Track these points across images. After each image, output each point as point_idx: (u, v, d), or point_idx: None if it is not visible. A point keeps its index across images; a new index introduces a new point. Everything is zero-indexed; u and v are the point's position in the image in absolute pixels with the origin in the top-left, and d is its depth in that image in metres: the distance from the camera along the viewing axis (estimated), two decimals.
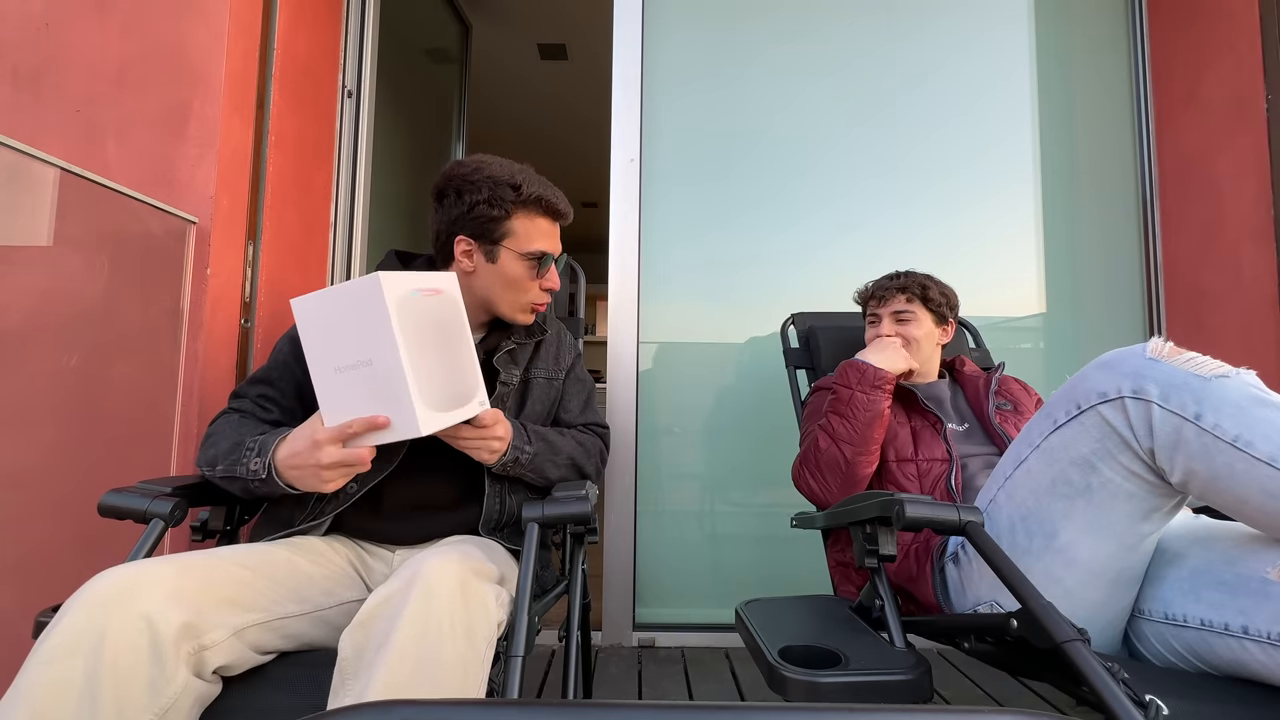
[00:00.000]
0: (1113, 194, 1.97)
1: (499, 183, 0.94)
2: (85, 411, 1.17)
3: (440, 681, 0.60)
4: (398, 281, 0.74)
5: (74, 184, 1.12)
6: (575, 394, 1.11)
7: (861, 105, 1.95)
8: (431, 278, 0.80)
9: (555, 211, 0.98)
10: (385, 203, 2.19)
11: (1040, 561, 0.76)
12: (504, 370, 1.00)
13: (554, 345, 1.09)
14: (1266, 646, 0.62)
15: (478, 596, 0.67)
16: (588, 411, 1.12)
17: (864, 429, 1.08)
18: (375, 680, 0.58)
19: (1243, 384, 0.67)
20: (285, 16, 1.57)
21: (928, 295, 1.24)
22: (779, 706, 0.30)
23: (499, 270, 0.96)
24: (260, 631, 0.70)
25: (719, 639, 1.73)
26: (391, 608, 0.63)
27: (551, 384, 1.07)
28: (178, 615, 0.62)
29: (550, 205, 0.97)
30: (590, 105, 3.98)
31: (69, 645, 0.58)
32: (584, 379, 1.14)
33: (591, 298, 6.08)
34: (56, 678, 0.57)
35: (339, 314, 0.74)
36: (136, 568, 0.65)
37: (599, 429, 1.11)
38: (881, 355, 1.15)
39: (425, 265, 1.06)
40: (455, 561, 0.67)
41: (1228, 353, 1.69)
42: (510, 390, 1.01)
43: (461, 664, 0.62)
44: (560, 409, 1.09)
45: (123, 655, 0.59)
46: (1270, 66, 1.63)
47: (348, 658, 0.62)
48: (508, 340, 1.02)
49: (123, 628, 0.59)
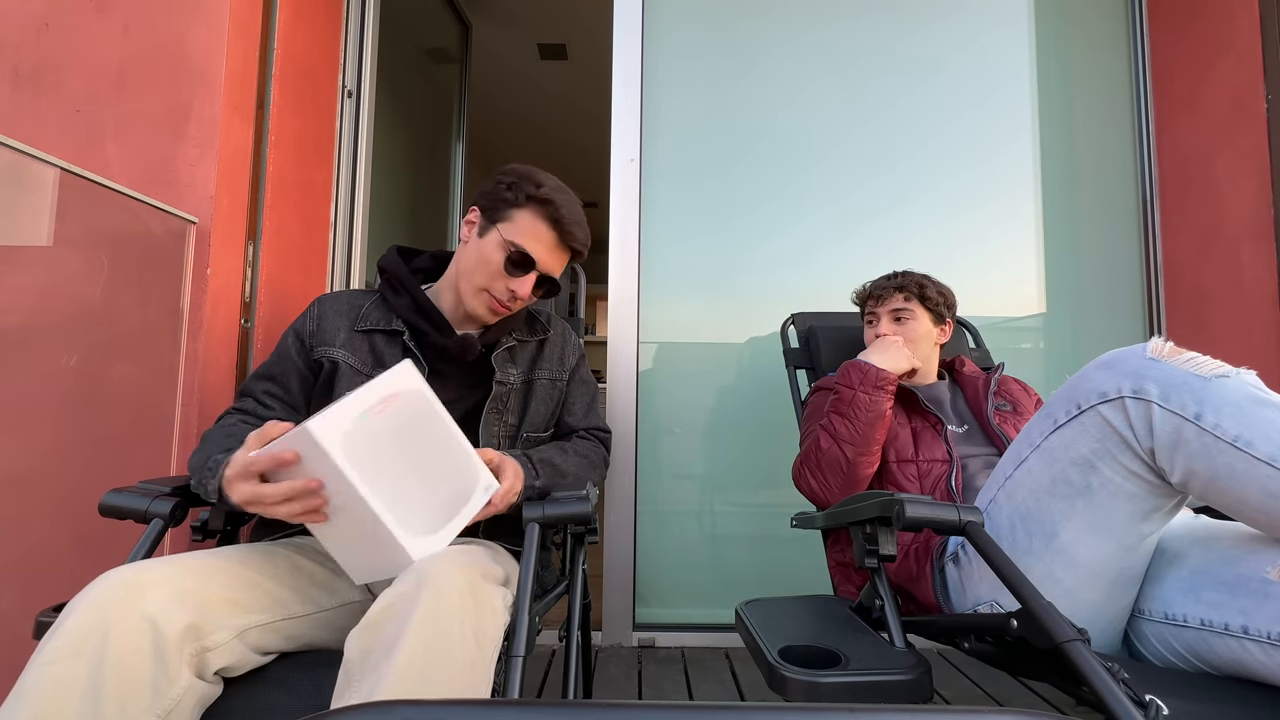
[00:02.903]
0: (1113, 194, 1.97)
1: (526, 178, 0.94)
2: (85, 411, 1.17)
3: (449, 685, 0.59)
4: (336, 418, 0.66)
5: (74, 184, 1.12)
6: (579, 396, 1.10)
7: (862, 105, 1.95)
8: (383, 383, 0.72)
9: (562, 227, 0.94)
10: (385, 202, 2.19)
11: (1040, 561, 0.76)
12: (500, 369, 0.98)
13: (559, 345, 1.08)
14: (1266, 646, 0.62)
15: (487, 599, 0.66)
16: (591, 415, 1.10)
17: (866, 429, 1.08)
18: (384, 683, 0.58)
19: (1243, 384, 0.67)
20: (285, 16, 1.57)
21: (925, 294, 1.24)
22: (779, 706, 0.30)
23: (480, 246, 0.94)
24: (262, 632, 0.70)
25: (719, 639, 1.73)
26: (400, 610, 0.62)
27: (555, 385, 1.06)
28: (182, 616, 0.62)
29: (559, 218, 0.93)
30: (590, 105, 3.98)
31: (73, 646, 0.58)
32: (588, 381, 1.12)
33: (591, 298, 6.08)
34: (60, 678, 0.56)
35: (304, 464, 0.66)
36: (140, 568, 0.65)
37: (601, 433, 1.11)
38: (884, 355, 1.15)
39: (429, 262, 1.06)
40: (463, 564, 0.67)
41: (1228, 353, 1.69)
42: (510, 390, 1.00)
43: (470, 667, 0.62)
44: (564, 411, 1.08)
45: (126, 656, 0.58)
46: (1270, 66, 1.63)
47: (354, 659, 0.62)
48: (508, 337, 1.01)
49: (126, 628, 0.59)
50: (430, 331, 0.94)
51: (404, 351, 0.95)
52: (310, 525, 0.70)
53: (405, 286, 0.97)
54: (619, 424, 1.78)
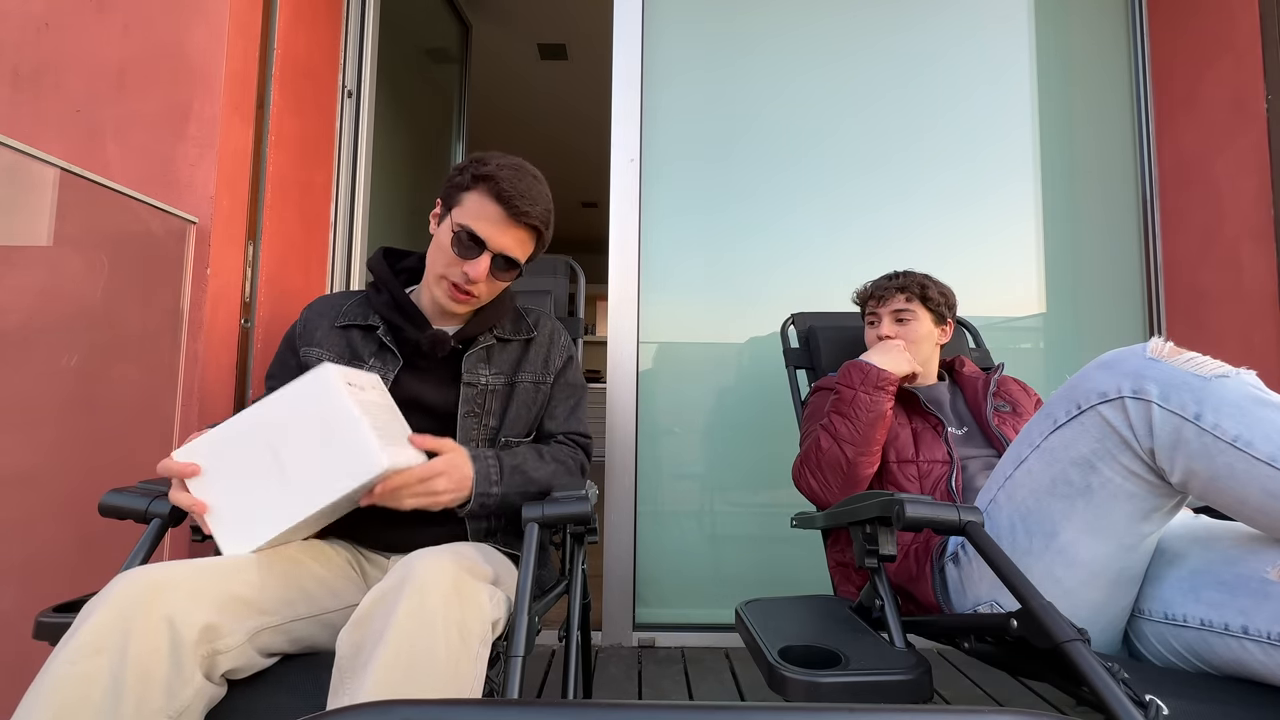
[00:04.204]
0: (1113, 194, 1.97)
1: (477, 160, 0.93)
2: (86, 411, 1.17)
3: (434, 678, 0.60)
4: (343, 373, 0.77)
5: (74, 184, 1.12)
6: (562, 400, 1.05)
7: (864, 104, 1.95)
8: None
9: (508, 202, 0.90)
10: (385, 203, 2.19)
11: (1040, 561, 0.76)
12: (470, 371, 0.96)
13: (544, 347, 1.04)
14: (1266, 646, 0.62)
15: (471, 594, 0.67)
16: (572, 420, 1.05)
17: (866, 429, 1.08)
18: (369, 677, 0.59)
19: (1242, 384, 0.67)
20: (285, 16, 1.57)
21: (926, 294, 1.24)
22: (779, 706, 0.29)
23: (438, 235, 0.94)
24: (272, 634, 0.70)
25: (719, 639, 1.73)
26: (386, 605, 0.63)
27: (539, 389, 1.02)
28: (199, 617, 0.63)
29: (501, 192, 0.89)
30: (590, 105, 3.98)
31: (95, 644, 0.58)
32: (575, 384, 1.07)
33: (591, 298, 6.09)
34: (83, 675, 0.57)
35: (244, 437, 0.75)
36: (159, 569, 0.66)
37: (581, 438, 1.05)
38: (885, 357, 1.15)
39: (416, 263, 1.06)
40: (449, 561, 0.68)
41: (1228, 352, 1.69)
42: (489, 392, 0.97)
43: (454, 661, 0.62)
44: (545, 415, 1.03)
45: (145, 656, 0.59)
46: (1270, 66, 1.63)
47: (345, 655, 0.63)
48: (487, 334, 0.99)
49: (147, 629, 0.60)
50: (405, 327, 0.95)
51: (379, 346, 0.96)
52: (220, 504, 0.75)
53: (386, 285, 0.97)
54: (619, 424, 1.78)
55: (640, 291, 1.84)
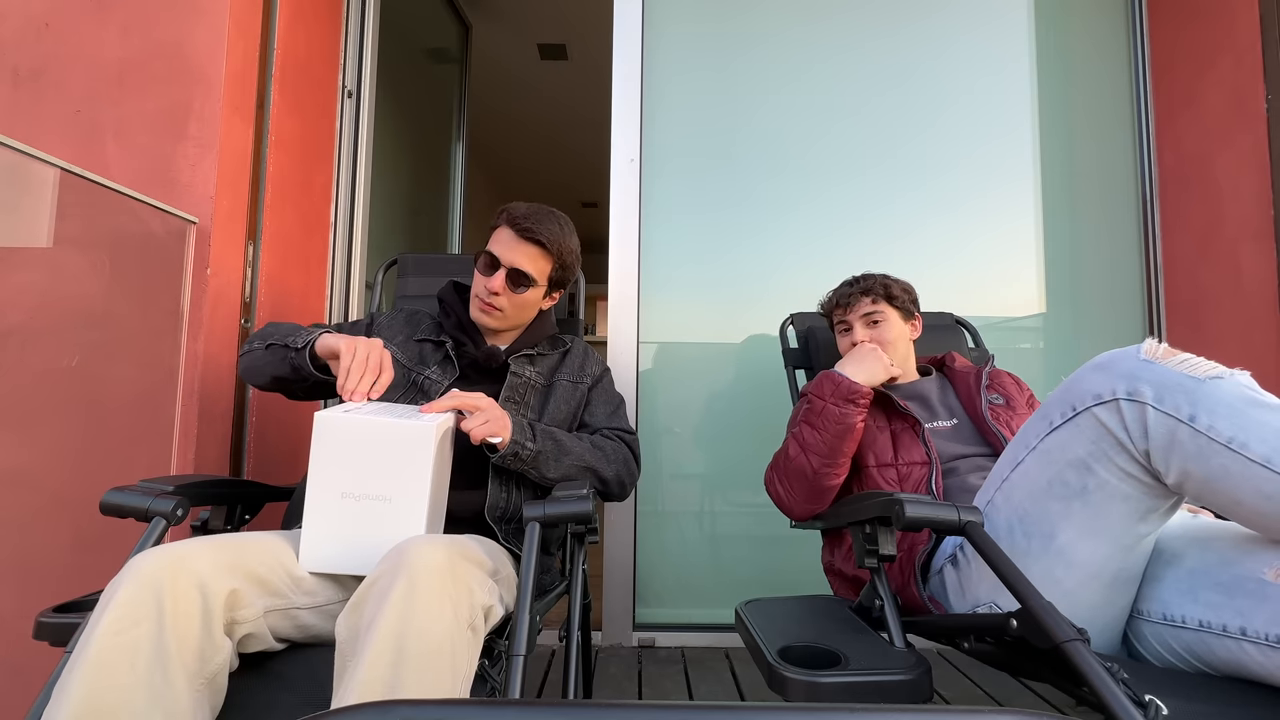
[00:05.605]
0: (1112, 194, 1.97)
1: (504, 207, 1.10)
2: (85, 411, 1.17)
3: (428, 657, 0.61)
4: (441, 425, 0.81)
5: (74, 184, 1.12)
6: (601, 403, 1.15)
7: (863, 107, 1.95)
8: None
9: (516, 224, 1.06)
10: (385, 203, 2.19)
11: (1039, 563, 0.76)
12: (516, 365, 1.08)
13: (579, 357, 1.17)
14: (1264, 648, 0.62)
15: (464, 577, 0.68)
16: (614, 418, 1.15)
17: (833, 441, 1.07)
18: (365, 658, 0.60)
19: (1237, 385, 0.67)
20: (285, 16, 1.57)
21: (891, 293, 1.24)
22: (779, 706, 0.30)
23: None
24: (279, 617, 0.72)
25: (719, 639, 1.73)
26: (379, 588, 0.65)
27: (576, 388, 1.12)
28: (224, 584, 0.65)
29: (514, 219, 1.06)
30: (590, 105, 3.98)
31: (133, 615, 0.60)
32: (613, 393, 1.18)
33: (591, 298, 6.07)
34: (127, 645, 0.59)
35: (372, 447, 0.76)
36: (176, 545, 0.67)
37: (625, 434, 1.13)
38: (860, 366, 1.13)
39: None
40: (442, 545, 0.69)
41: (1227, 353, 1.69)
42: (529, 385, 1.08)
43: (449, 639, 0.63)
44: (586, 414, 1.13)
45: (181, 620, 0.62)
46: (1270, 66, 1.63)
47: (344, 640, 0.64)
48: (530, 348, 1.13)
49: (178, 595, 0.62)
50: (467, 343, 1.10)
51: (444, 357, 1.10)
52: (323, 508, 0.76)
53: (454, 310, 1.15)
54: None
55: (640, 292, 1.84)
